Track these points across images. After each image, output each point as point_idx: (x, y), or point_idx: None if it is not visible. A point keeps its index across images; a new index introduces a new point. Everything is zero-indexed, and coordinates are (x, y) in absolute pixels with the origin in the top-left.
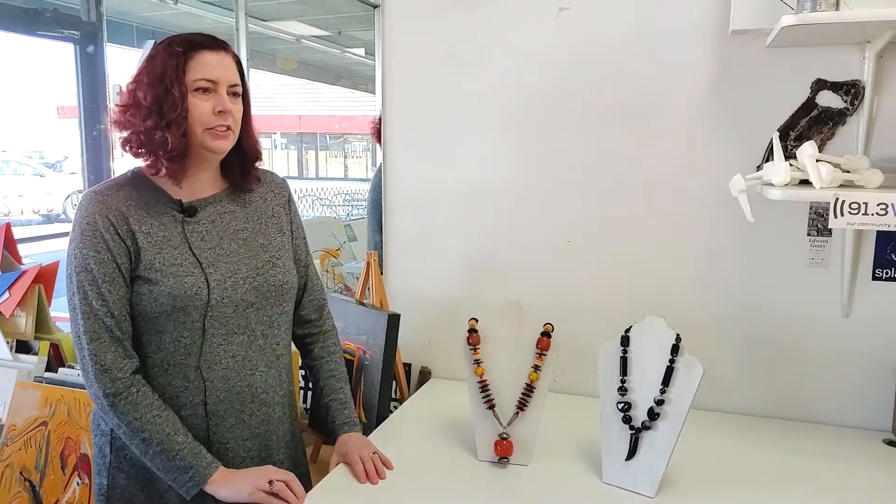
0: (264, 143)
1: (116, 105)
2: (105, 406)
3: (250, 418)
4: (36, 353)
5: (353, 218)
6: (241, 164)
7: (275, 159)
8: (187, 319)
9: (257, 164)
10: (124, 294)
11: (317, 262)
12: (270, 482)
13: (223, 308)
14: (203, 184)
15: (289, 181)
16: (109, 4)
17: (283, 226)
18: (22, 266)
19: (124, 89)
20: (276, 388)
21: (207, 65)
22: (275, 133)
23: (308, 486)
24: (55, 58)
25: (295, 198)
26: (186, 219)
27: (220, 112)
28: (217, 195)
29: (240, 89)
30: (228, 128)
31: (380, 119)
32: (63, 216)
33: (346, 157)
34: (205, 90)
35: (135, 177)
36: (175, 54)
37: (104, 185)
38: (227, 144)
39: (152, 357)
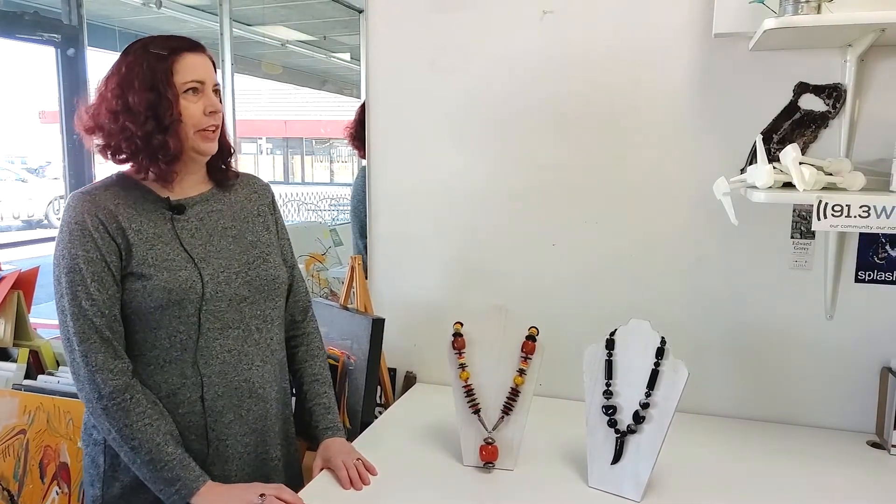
0: (250, 148)
1: (106, 111)
2: (97, 410)
3: (247, 414)
4: (15, 361)
5: (338, 222)
6: (220, 159)
7: (261, 164)
8: (182, 314)
9: (232, 159)
10: (114, 293)
11: (302, 266)
12: (262, 495)
13: (217, 302)
14: (190, 185)
15: (274, 186)
16: (91, 8)
17: (269, 224)
18: (1, 272)
19: (108, 95)
20: (271, 384)
21: (193, 66)
22: (260, 138)
23: (300, 488)
24: (36, 61)
25: (281, 202)
26: (175, 216)
27: (210, 112)
28: (204, 195)
29: (220, 88)
30: (217, 127)
31: (354, 122)
32: (45, 221)
33: (331, 161)
34: (194, 91)
35: (121, 178)
36: (160, 58)
37: (91, 185)
38: (215, 146)
39: (147, 355)
